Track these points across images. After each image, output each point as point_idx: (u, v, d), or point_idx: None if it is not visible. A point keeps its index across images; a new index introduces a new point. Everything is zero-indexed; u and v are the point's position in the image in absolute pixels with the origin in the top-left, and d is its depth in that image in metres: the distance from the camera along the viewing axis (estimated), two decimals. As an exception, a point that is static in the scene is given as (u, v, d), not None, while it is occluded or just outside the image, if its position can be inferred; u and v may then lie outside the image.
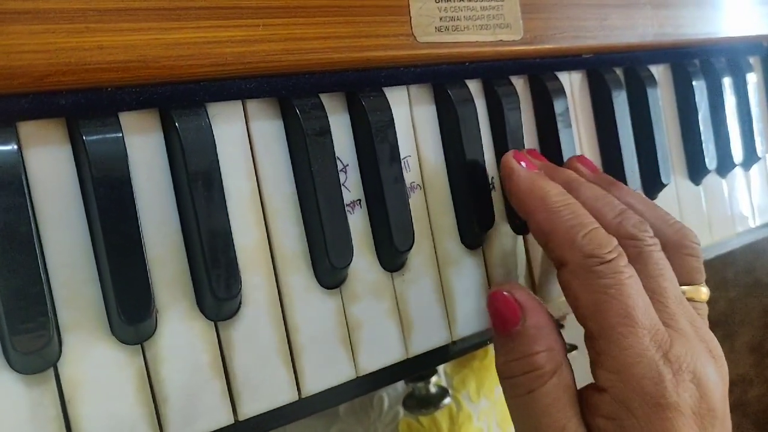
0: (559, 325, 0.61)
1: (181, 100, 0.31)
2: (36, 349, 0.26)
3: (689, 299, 0.37)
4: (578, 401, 0.34)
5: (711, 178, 0.56)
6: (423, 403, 0.57)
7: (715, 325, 0.37)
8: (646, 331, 0.32)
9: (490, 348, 0.44)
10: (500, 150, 0.42)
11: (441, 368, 0.66)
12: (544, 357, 0.34)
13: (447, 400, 0.58)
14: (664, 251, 0.37)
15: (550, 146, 0.45)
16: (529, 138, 0.44)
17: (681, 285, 0.37)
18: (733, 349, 1.00)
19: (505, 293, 0.36)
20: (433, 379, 0.59)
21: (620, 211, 0.37)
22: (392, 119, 0.36)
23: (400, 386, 0.60)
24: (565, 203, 0.36)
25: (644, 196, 0.41)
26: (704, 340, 0.35)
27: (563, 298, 0.36)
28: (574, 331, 0.39)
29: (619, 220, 0.37)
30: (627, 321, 0.32)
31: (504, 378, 0.35)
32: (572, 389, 0.34)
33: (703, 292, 0.38)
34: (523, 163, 0.39)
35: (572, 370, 0.35)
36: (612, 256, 0.34)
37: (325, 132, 0.34)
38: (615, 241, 0.34)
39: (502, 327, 0.35)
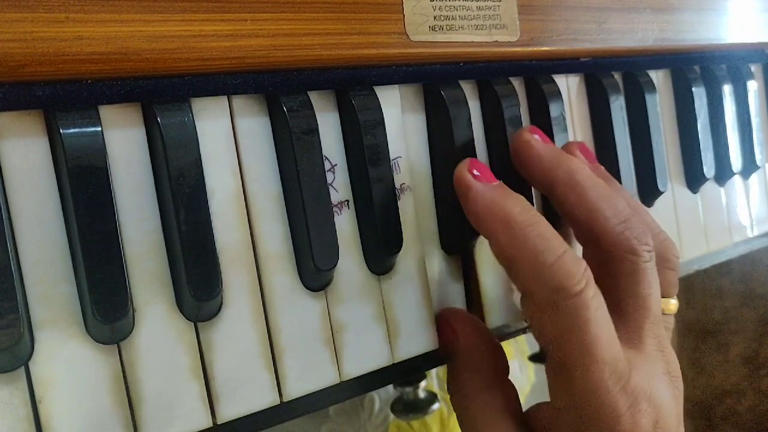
0: None
1: (164, 95, 0.30)
2: (4, 346, 0.25)
3: (662, 310, 0.37)
4: (522, 419, 0.35)
5: (709, 187, 0.55)
6: (411, 408, 0.56)
7: (709, 334, 0.37)
8: (607, 365, 0.32)
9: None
10: (495, 152, 0.42)
11: (434, 371, 0.65)
12: (468, 378, 0.35)
13: (435, 406, 0.57)
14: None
15: (544, 150, 0.44)
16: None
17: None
18: (726, 359, 1.00)
19: (443, 316, 0.37)
20: (423, 383, 0.58)
21: (625, 217, 0.36)
22: (383, 119, 0.36)
23: (392, 388, 0.60)
24: (530, 224, 0.33)
25: (638, 200, 0.40)
26: (666, 361, 0.35)
27: None
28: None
29: (622, 229, 0.35)
30: (589, 356, 0.32)
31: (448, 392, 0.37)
32: (510, 408, 0.35)
33: (673, 304, 0.39)
34: (476, 171, 0.35)
35: (512, 388, 0.36)
36: (580, 287, 0.32)
37: (313, 131, 0.33)
38: (583, 266, 0.33)
39: (443, 348, 0.37)
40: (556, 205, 0.37)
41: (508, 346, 0.84)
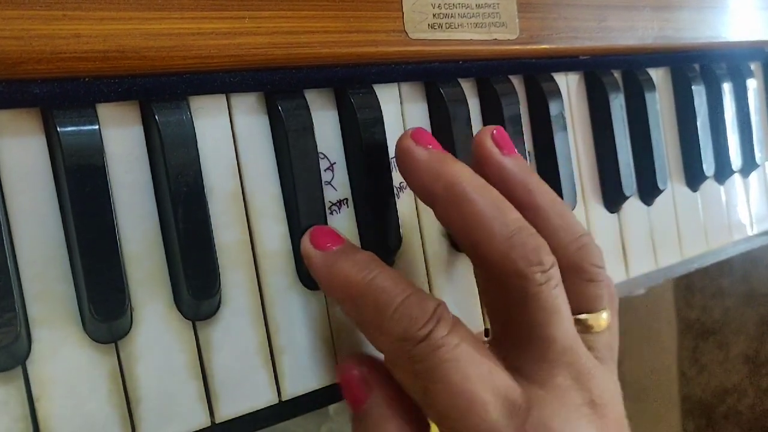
0: None
1: (162, 93, 0.30)
2: (1, 345, 0.25)
3: (587, 327, 0.33)
4: None
5: (708, 185, 0.55)
6: None
7: (709, 333, 0.36)
8: (491, 403, 0.28)
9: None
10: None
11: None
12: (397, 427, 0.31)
13: None
14: (562, 272, 0.31)
15: (544, 148, 0.44)
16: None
17: (578, 313, 0.33)
18: (727, 358, 1.00)
19: (348, 367, 0.32)
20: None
21: (512, 233, 0.30)
22: (381, 117, 0.36)
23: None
24: (368, 280, 0.30)
25: (556, 196, 0.34)
26: (586, 390, 0.31)
27: None
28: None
29: (507, 249, 0.30)
30: (461, 403, 0.28)
31: None
32: None
33: (604, 318, 0.34)
34: (309, 236, 0.32)
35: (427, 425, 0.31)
36: (428, 330, 0.28)
37: (307, 130, 0.33)
38: (431, 306, 0.29)
39: (353, 406, 0.32)
40: (442, 223, 0.33)
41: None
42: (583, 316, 0.33)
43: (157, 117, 0.29)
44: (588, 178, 0.47)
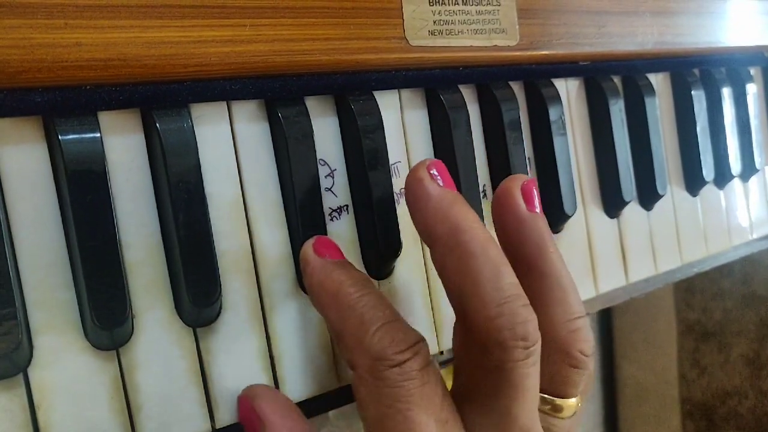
0: None
1: (163, 101, 0.30)
2: (3, 352, 0.25)
3: (555, 408, 0.32)
4: None
5: (708, 190, 0.55)
6: None
7: (710, 335, 0.35)
8: None
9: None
10: (494, 156, 0.42)
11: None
12: None
13: None
14: (545, 348, 0.30)
15: (544, 154, 0.44)
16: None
17: (549, 394, 0.32)
18: (728, 360, 1.00)
19: (246, 399, 0.31)
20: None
21: (505, 299, 0.28)
22: (382, 123, 0.36)
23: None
24: (360, 294, 0.29)
25: (567, 269, 0.33)
26: None
27: None
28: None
29: (496, 315, 0.28)
30: None
31: None
32: None
33: (571, 404, 0.32)
34: (313, 243, 0.32)
35: None
36: (404, 357, 0.28)
37: (308, 137, 0.33)
38: (413, 337, 0.29)
39: None
40: (435, 265, 0.32)
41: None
42: (554, 398, 0.32)
43: (158, 124, 0.29)
44: (588, 183, 0.47)
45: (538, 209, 0.33)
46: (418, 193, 0.31)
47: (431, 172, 0.31)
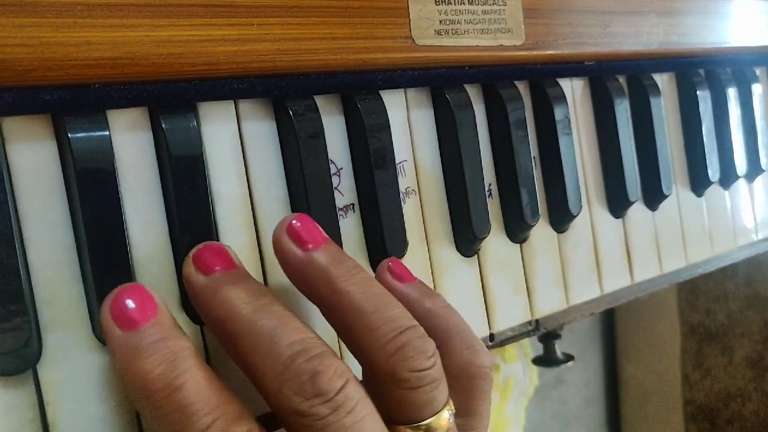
0: (555, 335, 0.60)
1: (171, 99, 0.30)
2: (12, 349, 0.26)
3: (428, 430, 0.29)
4: None
5: (713, 190, 0.55)
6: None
7: (714, 337, 0.35)
8: None
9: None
10: (500, 156, 0.42)
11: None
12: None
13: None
14: (376, 381, 0.28)
15: (549, 154, 0.44)
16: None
17: (408, 423, 0.29)
18: (731, 362, 0.99)
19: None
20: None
21: (285, 361, 0.26)
22: (388, 123, 0.36)
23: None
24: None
25: (373, 284, 0.30)
26: None
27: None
28: (573, 338, 0.38)
29: (279, 384, 0.26)
30: None
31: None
32: None
33: (444, 418, 0.29)
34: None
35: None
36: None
37: (318, 135, 0.33)
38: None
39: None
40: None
41: (512, 349, 0.84)
42: (418, 424, 0.29)
43: (163, 124, 0.29)
44: (593, 183, 0.48)
45: (312, 244, 0.30)
46: (188, 287, 0.29)
47: (195, 258, 0.29)
